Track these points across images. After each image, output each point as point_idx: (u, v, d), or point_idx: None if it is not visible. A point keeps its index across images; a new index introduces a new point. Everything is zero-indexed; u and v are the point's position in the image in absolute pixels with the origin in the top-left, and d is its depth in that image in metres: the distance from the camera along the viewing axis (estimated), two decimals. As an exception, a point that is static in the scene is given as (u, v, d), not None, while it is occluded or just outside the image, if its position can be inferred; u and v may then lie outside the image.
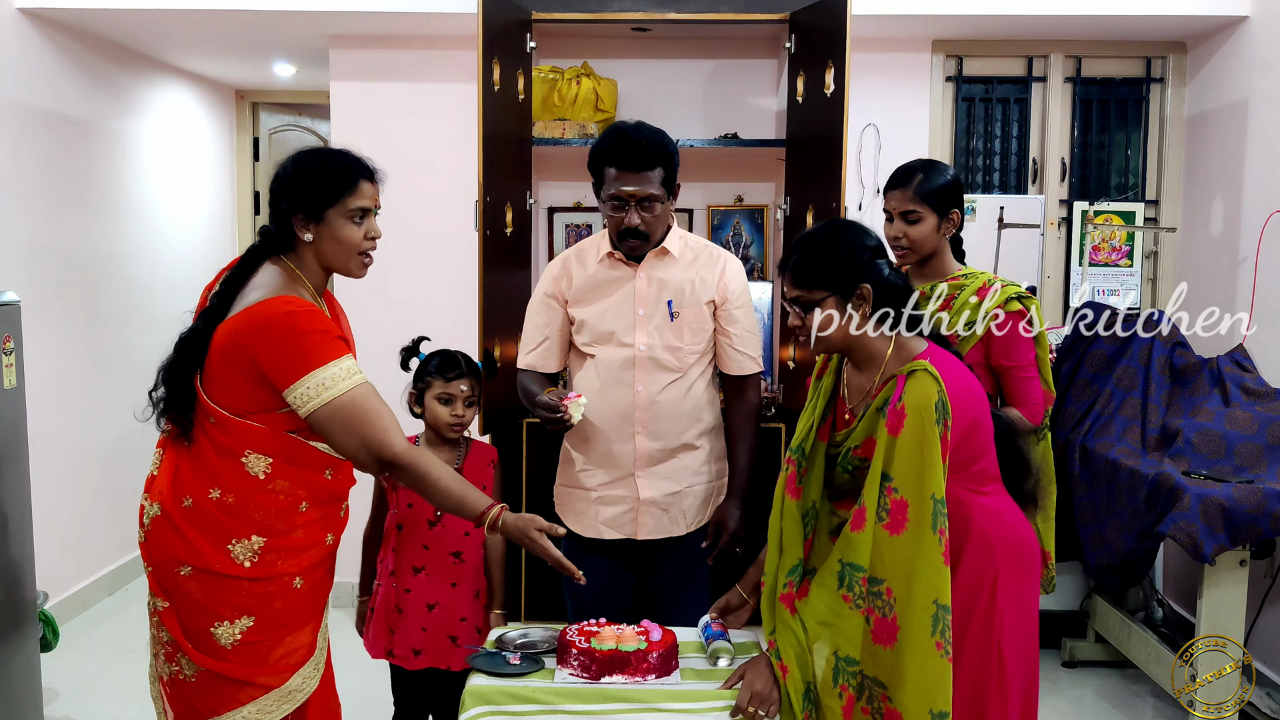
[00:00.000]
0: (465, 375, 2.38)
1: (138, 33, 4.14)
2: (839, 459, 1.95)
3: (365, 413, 1.88)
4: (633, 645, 1.98)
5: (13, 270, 3.59)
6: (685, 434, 2.37)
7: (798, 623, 1.88)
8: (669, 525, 2.38)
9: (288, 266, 1.97)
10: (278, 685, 1.94)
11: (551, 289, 2.42)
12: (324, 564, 2.03)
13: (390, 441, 1.90)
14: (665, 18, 3.64)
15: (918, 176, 2.33)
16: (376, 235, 2.00)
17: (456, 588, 2.40)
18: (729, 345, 2.41)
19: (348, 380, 1.87)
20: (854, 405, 1.95)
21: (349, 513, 2.11)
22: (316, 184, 1.94)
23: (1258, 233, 3.47)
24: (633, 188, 2.24)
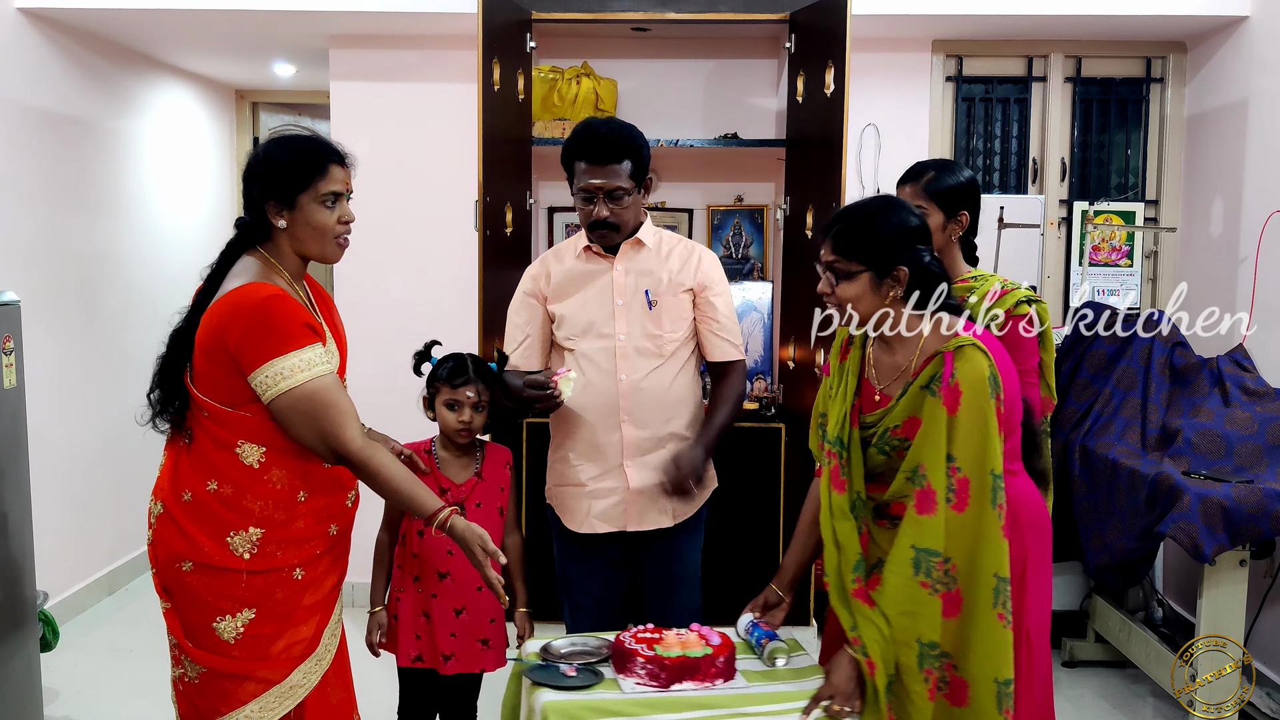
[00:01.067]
0: (472, 381, 2.37)
1: (138, 33, 4.14)
2: (873, 441, 1.93)
3: (324, 406, 1.88)
4: (699, 650, 1.94)
5: (13, 270, 3.59)
6: (671, 422, 2.39)
7: (878, 615, 1.83)
8: (658, 516, 2.40)
9: (264, 256, 1.98)
10: (279, 680, 1.94)
11: (530, 288, 2.46)
12: (328, 555, 2.01)
13: (346, 437, 1.89)
14: (665, 18, 3.64)
15: (929, 174, 2.33)
16: (349, 219, 2.01)
17: (483, 591, 2.37)
18: (710, 333, 2.45)
19: (308, 371, 1.87)
20: (886, 385, 1.94)
21: (358, 502, 2.10)
22: (287, 170, 1.94)
23: (1258, 233, 3.47)
24: (600, 180, 2.29)
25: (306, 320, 1.91)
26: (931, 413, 1.82)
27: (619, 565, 2.45)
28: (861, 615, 1.85)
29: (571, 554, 2.47)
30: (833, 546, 1.93)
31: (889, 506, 1.93)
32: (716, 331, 2.45)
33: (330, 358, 1.95)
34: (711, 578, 2.92)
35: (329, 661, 2.03)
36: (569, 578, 2.48)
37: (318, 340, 1.92)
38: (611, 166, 2.28)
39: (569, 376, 2.26)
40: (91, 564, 4.17)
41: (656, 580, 2.45)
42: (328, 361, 1.92)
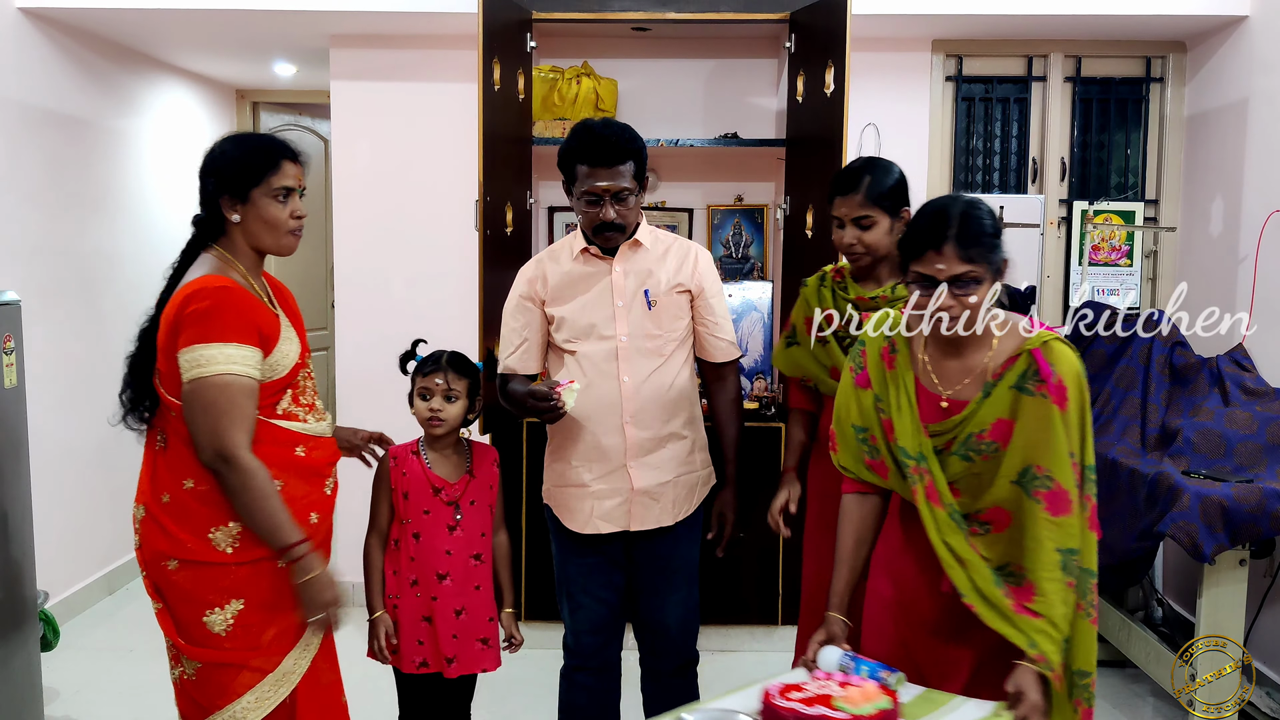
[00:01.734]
0: (441, 370, 2.36)
1: (138, 33, 4.14)
2: (952, 449, 1.86)
3: (223, 403, 1.89)
4: (873, 706, 1.67)
5: (13, 270, 3.60)
6: (671, 422, 2.40)
7: (1048, 625, 1.74)
8: (659, 515, 2.41)
9: (220, 252, 2.03)
10: (272, 668, 1.98)
11: (527, 291, 2.44)
12: (313, 542, 2.02)
13: (233, 440, 1.89)
14: (665, 17, 3.64)
15: (865, 179, 2.28)
16: (301, 214, 2.06)
17: (480, 590, 2.39)
18: (708, 333, 2.46)
19: (222, 365, 1.89)
20: (955, 390, 1.87)
21: (337, 489, 2.14)
22: (240, 165, 2.00)
23: (1258, 232, 3.47)
24: (606, 183, 2.27)
25: (255, 320, 1.95)
26: (1038, 412, 1.77)
27: (618, 564, 2.45)
28: (1033, 629, 1.74)
29: (571, 553, 2.47)
30: (955, 563, 1.82)
31: (979, 514, 1.86)
32: (714, 332, 2.46)
33: (254, 362, 1.94)
34: (711, 576, 2.93)
35: (317, 645, 2.06)
36: (568, 577, 2.48)
37: (253, 345, 1.93)
38: (616, 168, 2.27)
39: (572, 388, 2.24)
40: (91, 564, 4.17)
41: (656, 578, 2.46)
42: (252, 366, 1.93)
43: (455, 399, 2.37)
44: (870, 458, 1.96)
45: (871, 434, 1.95)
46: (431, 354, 2.43)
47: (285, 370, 2.01)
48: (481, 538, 2.41)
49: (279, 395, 2.02)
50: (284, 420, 2.01)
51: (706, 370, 2.53)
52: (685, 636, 2.49)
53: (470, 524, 2.38)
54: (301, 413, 2.06)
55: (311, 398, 2.13)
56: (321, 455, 2.08)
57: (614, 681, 2.54)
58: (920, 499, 1.86)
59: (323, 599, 1.97)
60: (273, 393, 2.00)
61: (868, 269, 2.37)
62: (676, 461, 2.41)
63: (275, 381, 2.00)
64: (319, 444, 2.08)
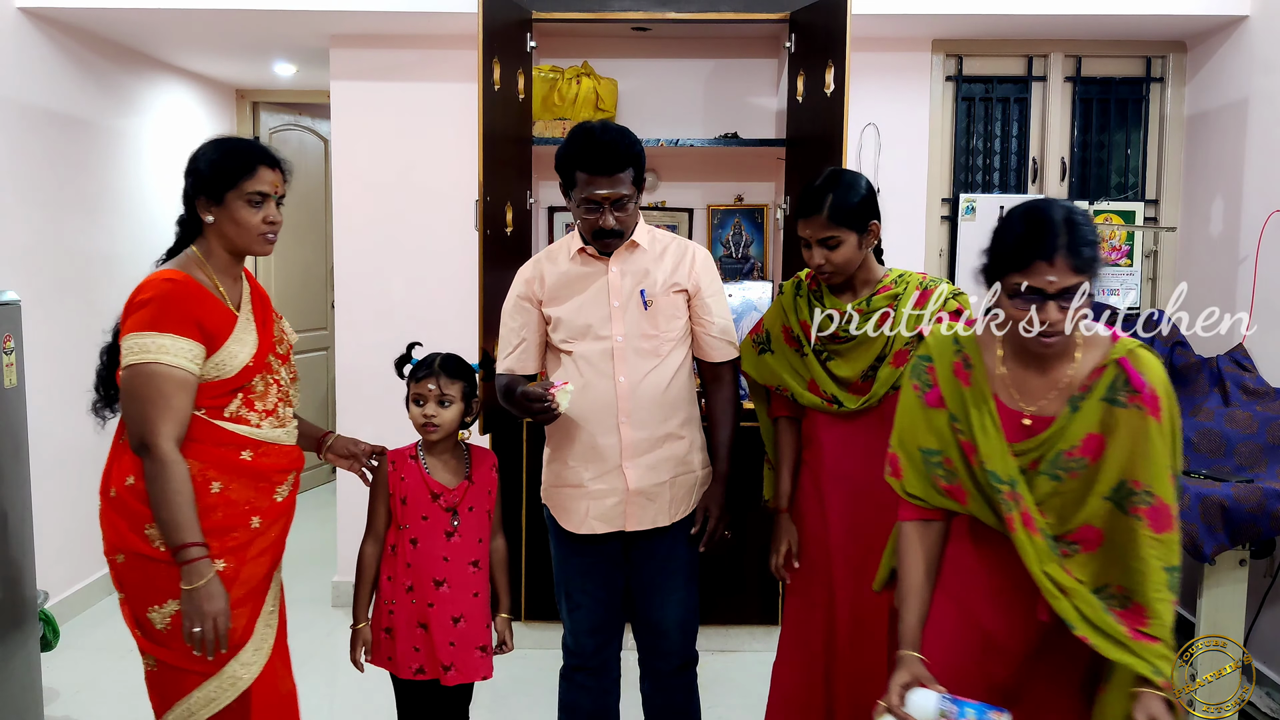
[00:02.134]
0: (434, 375, 2.33)
1: (138, 32, 4.14)
2: (1039, 468, 1.76)
3: (149, 392, 1.92)
4: None
5: (13, 270, 3.60)
6: (668, 422, 2.39)
7: (1166, 648, 1.67)
8: (655, 515, 2.40)
9: (192, 251, 2.08)
10: (213, 671, 1.99)
11: (524, 291, 2.44)
12: (253, 547, 2.04)
13: (159, 430, 1.91)
14: (665, 17, 3.64)
15: (829, 199, 2.21)
16: (275, 220, 2.09)
17: (478, 597, 2.36)
18: (705, 333, 2.46)
19: (155, 354, 1.92)
20: (1039, 406, 1.78)
21: (293, 498, 2.15)
22: (217, 168, 2.04)
23: (1258, 232, 3.47)
24: (606, 190, 2.26)
25: (197, 315, 1.97)
26: (1133, 425, 1.68)
27: (617, 564, 2.45)
28: (1155, 655, 1.66)
29: (569, 554, 2.46)
30: (1058, 593, 1.71)
31: (1068, 535, 1.76)
32: (712, 332, 2.45)
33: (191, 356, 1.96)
34: (711, 576, 2.92)
35: (268, 651, 2.07)
36: (567, 577, 2.48)
37: (192, 338, 1.95)
38: (616, 176, 2.26)
39: (566, 389, 2.24)
40: (91, 564, 4.16)
41: (655, 578, 2.45)
42: (188, 359, 1.95)
43: (449, 404, 2.34)
44: (946, 482, 1.84)
45: (947, 457, 1.84)
46: (425, 358, 2.40)
47: (234, 371, 2.02)
48: (479, 544, 2.38)
49: (228, 397, 2.03)
50: (232, 423, 2.02)
51: (704, 370, 2.52)
52: (685, 637, 2.49)
53: (468, 530, 2.36)
54: (255, 417, 2.07)
55: (274, 404, 2.12)
56: (272, 462, 2.08)
57: (613, 682, 2.54)
58: (1017, 527, 1.73)
59: (205, 609, 1.92)
60: (221, 393, 2.01)
61: (842, 283, 2.33)
62: (674, 462, 2.41)
63: (223, 382, 2.01)
64: (271, 450, 2.08)
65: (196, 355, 1.96)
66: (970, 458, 1.80)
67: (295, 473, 2.17)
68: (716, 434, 2.50)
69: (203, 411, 1.99)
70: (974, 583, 1.85)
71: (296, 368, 2.28)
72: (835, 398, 2.30)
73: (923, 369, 1.89)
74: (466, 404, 2.38)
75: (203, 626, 1.92)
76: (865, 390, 2.28)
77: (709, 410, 2.53)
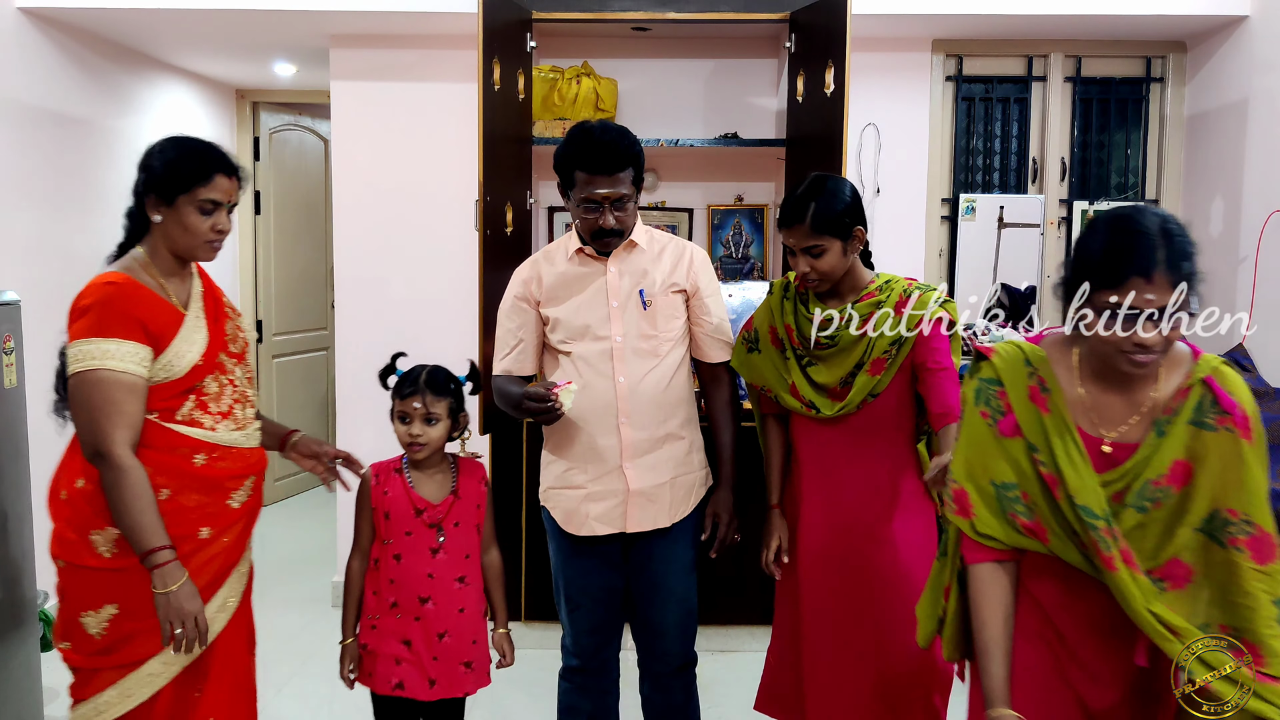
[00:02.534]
0: (419, 392, 2.25)
1: (138, 33, 4.14)
2: (1125, 500, 1.61)
3: (98, 399, 1.89)
4: None
5: (13, 270, 3.59)
6: (668, 423, 2.39)
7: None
8: (656, 516, 2.40)
9: (138, 252, 2.05)
10: (134, 670, 1.98)
11: (522, 292, 2.43)
12: (197, 558, 2.01)
13: (111, 436, 1.88)
14: (665, 18, 3.64)
15: (811, 208, 2.18)
16: (224, 228, 2.05)
17: (464, 613, 2.30)
18: (703, 333, 2.46)
19: (100, 360, 1.89)
20: (1119, 432, 1.64)
21: (252, 510, 2.12)
22: (173, 169, 1.99)
23: (1258, 232, 3.47)
24: (606, 190, 2.26)
25: (140, 316, 1.94)
26: (1225, 449, 1.56)
27: (616, 566, 2.45)
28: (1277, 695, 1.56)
29: (568, 555, 2.46)
30: (1168, 636, 1.58)
31: (1153, 571, 1.61)
32: (710, 333, 2.46)
33: (138, 359, 1.93)
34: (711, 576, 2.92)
35: (196, 653, 2.02)
36: (566, 579, 2.47)
37: (138, 340, 1.92)
38: (616, 175, 2.26)
39: (569, 388, 2.23)
40: (91, 564, 4.16)
41: (654, 580, 2.45)
42: (135, 362, 1.92)
43: (436, 421, 2.27)
44: (1026, 519, 1.67)
45: (1024, 491, 1.67)
46: (409, 372, 2.31)
47: (183, 370, 1.98)
48: (466, 560, 2.32)
49: (179, 399, 1.99)
50: (185, 426, 1.99)
51: (703, 371, 2.52)
52: (683, 638, 2.49)
53: (454, 546, 2.30)
54: (209, 420, 2.03)
55: (229, 405, 2.08)
56: (227, 467, 2.04)
57: (612, 683, 2.54)
58: (1118, 565, 1.57)
59: (184, 609, 1.91)
60: (172, 395, 1.98)
61: (829, 289, 2.32)
62: (674, 463, 2.41)
63: (173, 383, 1.98)
64: (226, 454, 2.04)
65: (143, 358, 1.93)
66: (1055, 491, 1.63)
67: (254, 477, 2.13)
68: (718, 437, 2.50)
69: (154, 415, 1.96)
70: (1063, 627, 1.70)
71: (253, 368, 2.24)
72: (813, 403, 2.29)
73: (991, 394, 1.71)
74: (454, 420, 2.32)
75: (184, 627, 1.91)
76: (842, 396, 2.27)
77: (709, 412, 2.53)
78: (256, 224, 5.39)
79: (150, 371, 1.94)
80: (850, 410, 2.26)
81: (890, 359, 2.22)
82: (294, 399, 5.69)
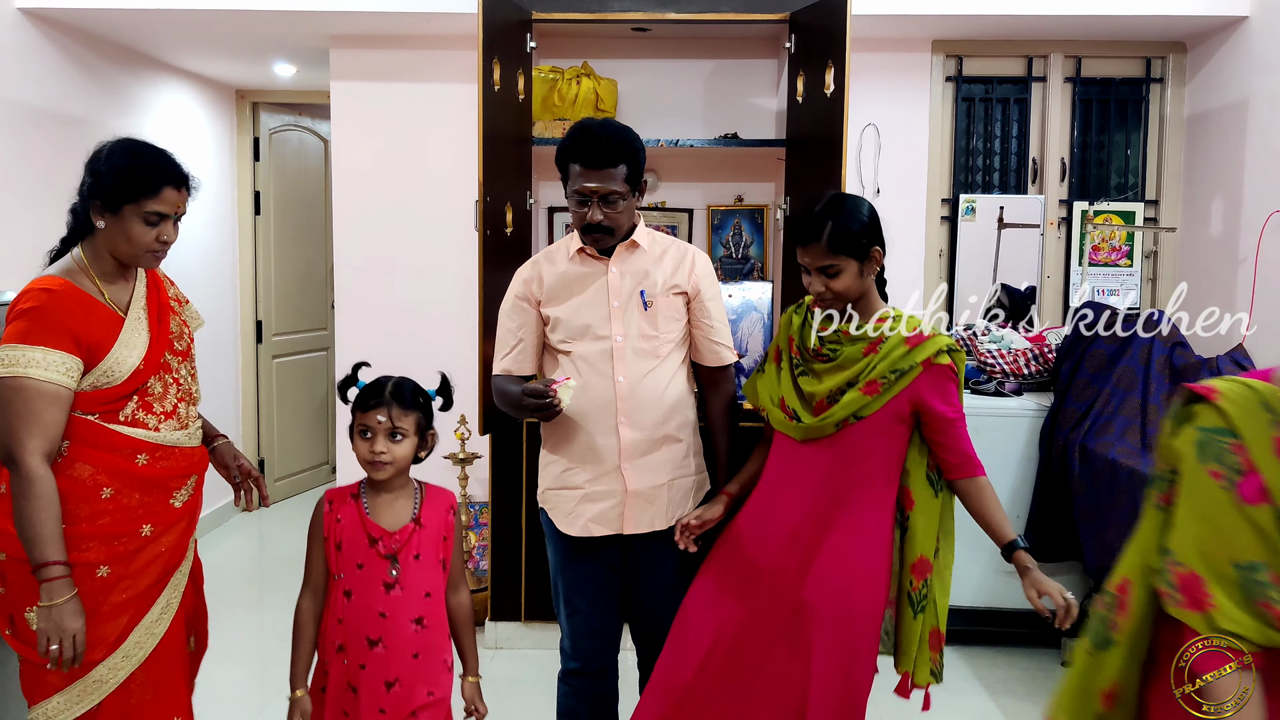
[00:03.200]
0: (384, 404, 2.05)
1: (138, 33, 4.14)
2: None
3: (17, 405, 1.87)
4: None
5: (13, 270, 3.59)
6: (666, 424, 2.39)
7: None
8: (653, 518, 2.39)
9: (78, 253, 2.03)
10: (81, 674, 1.96)
11: (523, 292, 2.44)
12: (141, 556, 2.01)
13: (24, 445, 1.86)
14: (665, 18, 3.64)
15: (828, 227, 2.12)
16: (169, 239, 2.02)
17: (419, 659, 2.05)
18: (704, 337, 2.45)
19: (24, 368, 1.87)
20: None
21: (193, 509, 2.11)
22: (121, 178, 1.96)
23: (1258, 233, 3.47)
24: (595, 184, 2.27)
25: (73, 327, 1.92)
26: None
27: (614, 568, 2.44)
28: None
29: (567, 557, 2.45)
30: None
31: None
32: (711, 336, 2.45)
33: (65, 369, 1.91)
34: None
35: (140, 659, 2.03)
36: (565, 582, 2.46)
37: (67, 351, 1.91)
38: (607, 170, 2.27)
39: (568, 384, 2.23)
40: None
41: (652, 582, 2.44)
42: (62, 373, 1.90)
43: (401, 437, 2.06)
44: (1277, 606, 1.37)
45: (1275, 572, 1.38)
46: (373, 383, 2.11)
47: (123, 376, 1.98)
48: (426, 598, 2.07)
49: (122, 402, 1.99)
50: (127, 427, 1.99)
51: (702, 375, 2.51)
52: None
53: (412, 581, 2.05)
54: (153, 420, 2.03)
55: (173, 405, 2.07)
56: (169, 466, 2.04)
57: (611, 685, 2.53)
58: None
59: (63, 626, 1.89)
60: (114, 399, 1.97)
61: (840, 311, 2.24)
62: (671, 464, 2.40)
63: (114, 388, 1.97)
64: (167, 454, 2.04)
65: (71, 368, 1.91)
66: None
67: (195, 476, 2.12)
68: (716, 443, 2.49)
69: (95, 416, 1.96)
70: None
71: (197, 364, 2.23)
72: (795, 412, 2.21)
73: (1223, 449, 1.40)
74: (421, 438, 2.11)
75: (61, 643, 1.89)
76: (824, 410, 2.17)
77: (708, 417, 2.52)
78: (256, 224, 5.39)
79: (86, 379, 1.94)
80: (829, 427, 2.15)
81: (886, 385, 2.11)
82: (294, 399, 5.69)
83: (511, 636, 3.71)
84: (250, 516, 5.44)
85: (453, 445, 3.83)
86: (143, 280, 2.10)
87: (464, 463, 3.81)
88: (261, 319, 5.44)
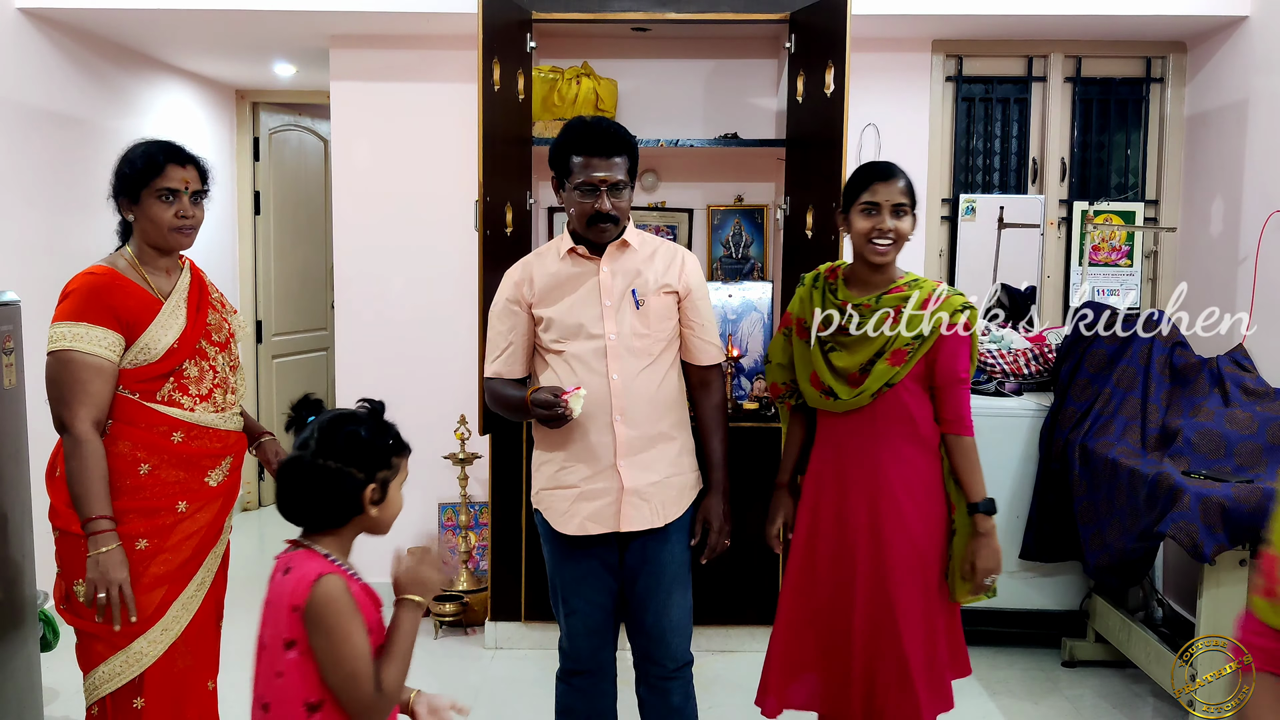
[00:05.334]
0: None
1: (138, 33, 4.14)
2: None
3: (65, 376, 2.07)
4: None
5: (13, 270, 3.59)
6: (660, 422, 2.39)
7: None
8: (650, 516, 2.39)
9: (124, 249, 2.24)
10: (123, 644, 2.11)
11: (513, 294, 2.44)
12: (178, 530, 2.17)
13: (74, 413, 2.06)
14: (665, 18, 3.64)
15: (899, 170, 2.31)
16: (187, 214, 2.22)
17: None
18: (694, 336, 2.47)
19: (68, 343, 2.07)
20: None
21: (229, 490, 2.27)
22: (133, 169, 2.18)
23: (1258, 233, 3.47)
24: (604, 173, 2.30)
25: (114, 305, 2.11)
26: None
27: (611, 568, 2.44)
28: None
29: (563, 557, 2.45)
30: None
31: None
32: (700, 335, 2.46)
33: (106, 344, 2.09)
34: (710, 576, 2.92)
35: (178, 632, 2.18)
36: (562, 583, 2.46)
37: (109, 327, 2.10)
38: (613, 159, 2.30)
39: (579, 394, 2.24)
40: (91, 564, 4.17)
41: (649, 582, 2.44)
42: (104, 346, 2.09)
43: None
44: None
45: None
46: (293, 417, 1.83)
47: (159, 354, 2.15)
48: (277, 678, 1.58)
49: (159, 381, 2.16)
50: (164, 406, 2.16)
51: (691, 374, 2.51)
52: (679, 639, 2.48)
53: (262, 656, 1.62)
54: (188, 401, 2.19)
55: (209, 389, 2.23)
56: (204, 446, 2.21)
57: (609, 685, 2.53)
58: None
59: (109, 576, 2.05)
60: (151, 377, 2.15)
61: (862, 275, 2.35)
62: (666, 462, 2.41)
63: (150, 366, 2.14)
64: (203, 434, 2.20)
65: (113, 343, 2.10)
66: None
67: (231, 458, 2.27)
68: (708, 442, 2.49)
69: (135, 395, 2.13)
70: None
71: (239, 359, 2.39)
72: (831, 389, 2.33)
73: None
74: None
75: (107, 592, 2.04)
76: (859, 383, 2.30)
77: (699, 417, 2.53)
78: (256, 224, 5.39)
79: (126, 356, 2.12)
80: (864, 400, 2.29)
81: (911, 351, 2.26)
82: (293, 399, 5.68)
83: (511, 636, 3.70)
84: (250, 517, 5.45)
85: (452, 445, 3.82)
86: (187, 274, 2.30)
87: (464, 463, 3.81)
88: (261, 319, 5.44)
